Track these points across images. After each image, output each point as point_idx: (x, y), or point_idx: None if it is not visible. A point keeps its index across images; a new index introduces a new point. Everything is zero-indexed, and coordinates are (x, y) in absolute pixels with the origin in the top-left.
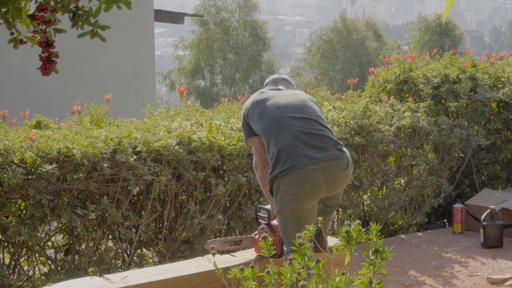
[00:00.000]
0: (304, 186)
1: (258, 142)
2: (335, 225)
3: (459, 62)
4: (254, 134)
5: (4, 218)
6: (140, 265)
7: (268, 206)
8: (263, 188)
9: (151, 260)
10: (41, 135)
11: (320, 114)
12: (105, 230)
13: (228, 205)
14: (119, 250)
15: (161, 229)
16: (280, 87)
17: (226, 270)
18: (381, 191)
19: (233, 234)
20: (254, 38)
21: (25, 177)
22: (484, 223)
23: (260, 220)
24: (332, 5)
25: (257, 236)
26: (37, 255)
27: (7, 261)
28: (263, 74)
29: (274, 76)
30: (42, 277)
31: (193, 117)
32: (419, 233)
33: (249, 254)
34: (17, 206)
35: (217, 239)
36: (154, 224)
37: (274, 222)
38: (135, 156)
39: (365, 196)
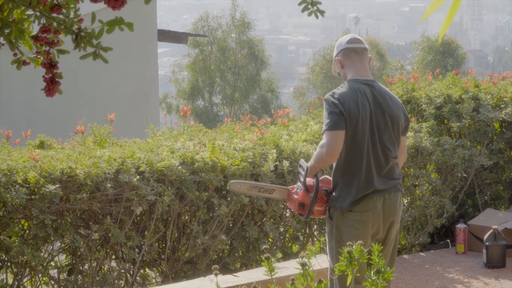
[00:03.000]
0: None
1: None
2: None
3: (462, 82)
4: None
5: (7, 238)
6: (143, 285)
7: (307, 164)
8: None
9: (154, 280)
10: (45, 155)
11: None
12: (108, 250)
13: (231, 225)
14: (122, 270)
15: (164, 249)
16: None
17: None
18: None
19: (236, 254)
20: (252, 57)
21: (28, 197)
22: (487, 243)
23: (300, 176)
24: (335, 25)
25: (294, 190)
26: (40, 275)
27: (10, 281)
28: (263, 93)
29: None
30: None
31: (196, 137)
32: (422, 253)
33: (253, 275)
34: (20, 226)
35: (244, 181)
36: (157, 244)
37: (309, 181)
38: (138, 176)
39: None
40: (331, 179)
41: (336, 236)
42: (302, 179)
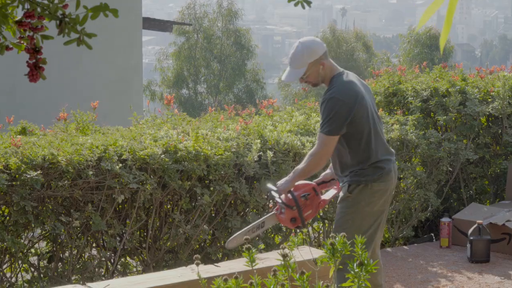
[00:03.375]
0: None
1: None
2: (320, 237)
3: (449, 75)
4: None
5: None
6: (123, 273)
7: (274, 187)
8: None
9: (135, 269)
10: (26, 141)
11: None
12: (89, 238)
13: (213, 215)
14: (103, 259)
15: (146, 238)
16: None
17: (210, 280)
18: None
19: (218, 243)
20: (238, 46)
21: (9, 183)
22: (471, 238)
23: (275, 199)
24: (322, 16)
25: (279, 211)
26: (20, 262)
27: None
28: (248, 83)
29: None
30: (25, 284)
31: (179, 126)
32: (405, 247)
33: (234, 265)
34: (1, 212)
35: (236, 234)
36: (138, 233)
37: (285, 199)
38: (120, 164)
39: None
40: (302, 182)
41: (358, 209)
42: (279, 200)
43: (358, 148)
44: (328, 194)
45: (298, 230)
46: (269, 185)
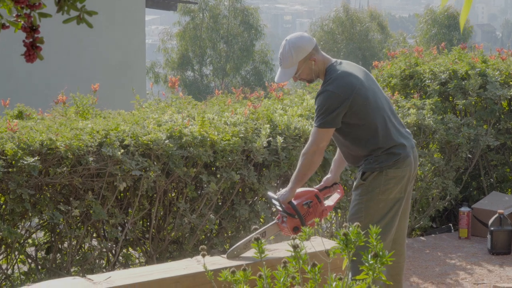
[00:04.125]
0: None
1: None
2: (333, 228)
3: (469, 57)
4: None
5: None
6: (125, 265)
7: (275, 195)
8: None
9: (137, 261)
10: (23, 126)
11: None
12: (89, 228)
13: (220, 204)
14: (104, 249)
15: (149, 228)
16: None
17: (216, 272)
18: None
19: (225, 234)
20: (246, 26)
21: (5, 170)
22: (492, 228)
23: (277, 207)
24: None
25: (280, 220)
26: (16, 253)
27: None
28: (256, 65)
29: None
30: (22, 276)
31: (184, 110)
32: (422, 238)
33: (242, 256)
34: None
35: (236, 244)
36: (141, 222)
37: (287, 208)
38: (122, 150)
39: None
40: (303, 190)
41: (373, 197)
42: (280, 209)
43: (367, 138)
44: (332, 200)
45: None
46: (270, 193)
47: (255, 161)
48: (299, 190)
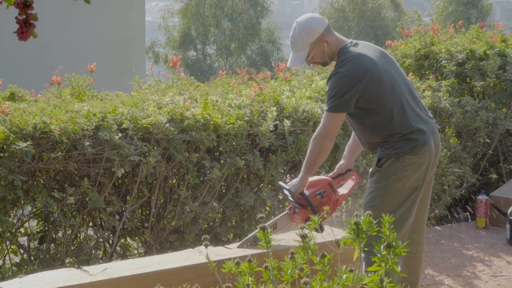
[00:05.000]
0: None
1: None
2: (343, 216)
3: (487, 36)
4: None
5: None
6: (123, 256)
7: (286, 185)
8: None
9: (136, 251)
10: (15, 108)
11: None
12: (85, 217)
13: (223, 191)
14: (100, 239)
15: (148, 216)
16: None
17: (219, 263)
18: None
19: (229, 223)
20: (251, 3)
21: None
22: (511, 218)
23: (288, 198)
24: None
25: (292, 210)
26: (8, 242)
27: None
28: (263, 44)
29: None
30: (13, 268)
31: (186, 91)
32: (437, 227)
33: (247, 247)
34: None
35: (246, 238)
36: (140, 210)
37: (300, 199)
38: (120, 134)
39: None
40: (316, 178)
41: (388, 184)
42: (292, 200)
43: (382, 124)
44: (347, 187)
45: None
46: (281, 184)
47: (261, 145)
48: (311, 179)
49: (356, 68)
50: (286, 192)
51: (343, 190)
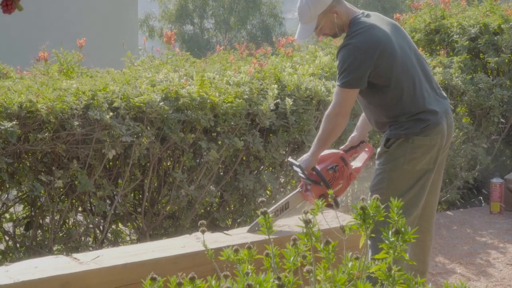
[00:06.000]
0: None
1: None
2: (349, 201)
3: (502, 9)
4: None
5: None
6: (115, 243)
7: (296, 161)
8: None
9: (128, 238)
10: (0, 86)
11: None
12: (73, 201)
13: (221, 174)
14: (90, 225)
15: (141, 201)
16: None
17: (218, 251)
18: None
19: (227, 208)
20: None
21: None
22: None
23: (299, 174)
24: None
25: (304, 188)
26: None
27: None
28: (264, 18)
29: None
30: None
31: (182, 68)
32: (449, 212)
33: (246, 233)
34: None
35: (257, 220)
36: (132, 195)
37: (311, 175)
38: (111, 113)
39: None
40: (327, 152)
41: (396, 166)
42: (304, 176)
43: (392, 102)
44: (360, 160)
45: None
46: (291, 159)
47: (261, 125)
48: (322, 153)
49: (368, 40)
50: (296, 168)
51: (356, 163)
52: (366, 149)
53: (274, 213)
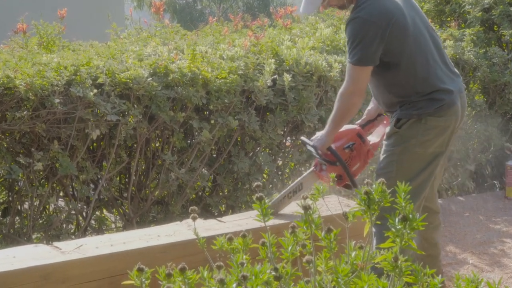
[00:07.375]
0: None
1: None
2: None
3: None
4: None
5: None
6: (99, 231)
7: (310, 141)
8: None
9: (113, 225)
10: None
11: None
12: (54, 185)
13: (214, 156)
14: (72, 211)
15: (128, 185)
16: None
17: (210, 239)
18: None
19: (221, 192)
20: None
21: None
22: None
23: (315, 155)
24: None
25: (318, 167)
26: None
27: None
28: None
29: None
30: None
31: (171, 41)
32: (460, 198)
33: (241, 220)
34: None
35: (274, 200)
36: (118, 178)
37: (326, 155)
38: (95, 90)
39: None
40: (343, 129)
41: (407, 149)
42: (318, 156)
43: (403, 81)
44: (378, 135)
45: (353, 190)
46: (304, 139)
47: (257, 103)
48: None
49: (379, 12)
50: (310, 148)
51: (374, 138)
52: (384, 122)
53: (287, 195)
